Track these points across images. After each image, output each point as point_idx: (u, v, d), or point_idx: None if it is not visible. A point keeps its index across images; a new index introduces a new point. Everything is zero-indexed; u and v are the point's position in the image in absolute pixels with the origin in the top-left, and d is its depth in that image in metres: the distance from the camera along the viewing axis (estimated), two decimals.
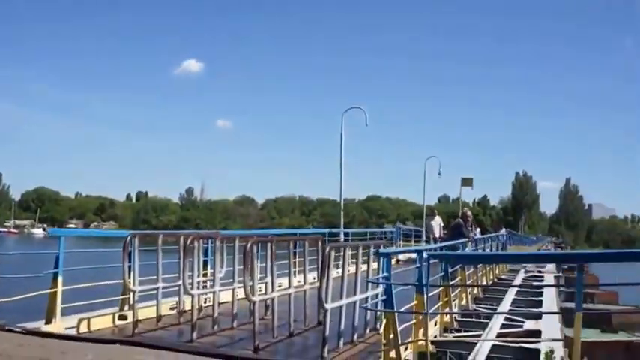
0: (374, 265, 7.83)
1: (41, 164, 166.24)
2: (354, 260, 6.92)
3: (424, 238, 24.96)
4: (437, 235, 21.31)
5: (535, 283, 16.25)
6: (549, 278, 18.36)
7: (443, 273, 8.60)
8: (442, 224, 22.03)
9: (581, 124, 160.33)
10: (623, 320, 26.70)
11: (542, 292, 16.50)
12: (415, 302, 6.45)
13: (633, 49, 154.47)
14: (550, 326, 8.86)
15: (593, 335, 20.25)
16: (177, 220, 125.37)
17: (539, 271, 19.25)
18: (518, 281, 16.26)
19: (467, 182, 36.64)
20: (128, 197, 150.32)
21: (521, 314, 10.23)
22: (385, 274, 6.00)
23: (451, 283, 9.36)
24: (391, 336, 5.90)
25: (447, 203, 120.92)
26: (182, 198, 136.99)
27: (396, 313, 5.91)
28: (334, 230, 19.05)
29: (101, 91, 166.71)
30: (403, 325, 6.31)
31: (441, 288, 8.23)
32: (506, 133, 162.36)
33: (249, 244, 6.28)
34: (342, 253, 6.15)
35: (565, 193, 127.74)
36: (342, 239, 19.19)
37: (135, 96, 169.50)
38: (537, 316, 10.66)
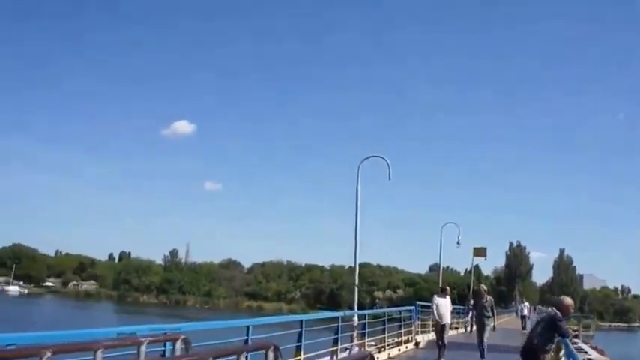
0: None
1: (19, 222, 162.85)
2: None
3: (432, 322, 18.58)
4: (446, 321, 16.37)
5: None
6: None
7: None
8: (451, 307, 17.31)
9: (573, 196, 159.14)
10: None
11: None
12: None
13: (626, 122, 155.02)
14: None
15: None
16: (159, 282, 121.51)
17: None
18: None
19: (479, 252, 33.82)
20: (110, 257, 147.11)
21: None
22: None
23: None
24: None
25: (438, 272, 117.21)
26: (166, 260, 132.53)
27: None
28: (335, 314, 14.44)
29: (90, 152, 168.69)
30: None
31: None
32: (497, 202, 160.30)
33: None
34: None
35: (559, 264, 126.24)
36: (356, 322, 15.82)
37: (124, 156, 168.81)
38: None
